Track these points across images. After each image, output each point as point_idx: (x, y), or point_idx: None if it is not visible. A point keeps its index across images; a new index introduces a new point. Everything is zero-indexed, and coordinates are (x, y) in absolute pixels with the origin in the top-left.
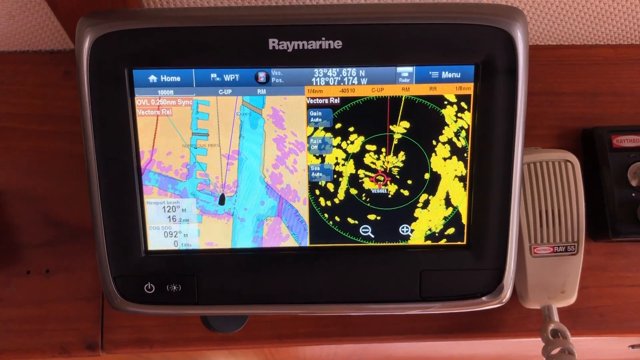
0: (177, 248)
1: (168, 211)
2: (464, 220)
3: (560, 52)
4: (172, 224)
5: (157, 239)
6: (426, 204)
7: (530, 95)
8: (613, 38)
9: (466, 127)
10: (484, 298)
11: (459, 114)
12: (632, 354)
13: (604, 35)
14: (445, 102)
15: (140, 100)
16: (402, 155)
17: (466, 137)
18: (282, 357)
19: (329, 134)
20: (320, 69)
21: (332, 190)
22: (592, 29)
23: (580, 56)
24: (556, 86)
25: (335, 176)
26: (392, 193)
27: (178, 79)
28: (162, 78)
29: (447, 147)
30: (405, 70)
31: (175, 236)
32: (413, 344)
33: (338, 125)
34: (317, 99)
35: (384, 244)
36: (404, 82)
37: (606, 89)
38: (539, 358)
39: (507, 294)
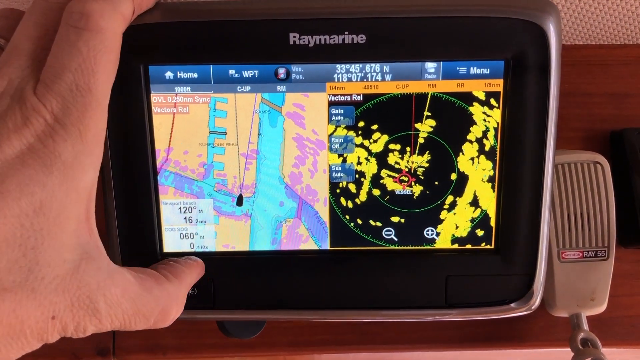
0: (193, 250)
1: (184, 212)
2: (493, 223)
3: (587, 52)
4: (189, 226)
5: (173, 241)
6: (453, 205)
7: None
8: None
9: (495, 125)
10: (512, 305)
11: (488, 112)
12: None
13: (633, 34)
14: (474, 99)
15: (157, 98)
16: (427, 155)
17: (495, 136)
18: None
19: (351, 133)
20: (343, 65)
21: (354, 191)
22: (620, 27)
23: (608, 56)
24: (583, 87)
25: (357, 176)
26: (416, 194)
27: (195, 75)
28: (178, 74)
29: (475, 146)
30: (431, 66)
31: (191, 238)
32: (432, 355)
33: (361, 124)
34: (339, 96)
35: (408, 247)
36: (430, 78)
37: (636, 90)
38: None
39: (536, 300)
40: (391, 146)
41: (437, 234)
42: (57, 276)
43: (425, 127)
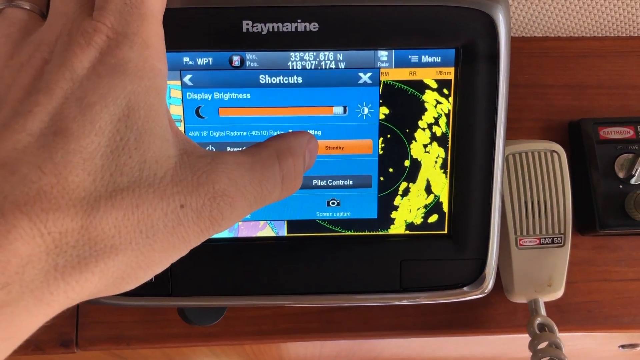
0: None
1: None
2: (445, 209)
3: (546, 44)
4: None
5: None
6: (406, 192)
7: (515, 88)
8: (599, 30)
9: (447, 112)
10: (465, 288)
11: (440, 99)
12: (622, 354)
13: (590, 27)
14: (426, 87)
15: None
16: (381, 142)
17: (447, 123)
18: (265, 357)
19: None
20: (297, 52)
21: (310, 177)
22: (578, 19)
23: (566, 48)
24: (542, 78)
25: None
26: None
27: None
28: None
29: (428, 133)
30: (384, 54)
31: None
32: (400, 344)
33: None
34: None
35: (363, 233)
36: (382, 66)
37: (593, 82)
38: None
39: (489, 284)
40: None
41: (392, 220)
42: (168, 170)
43: (379, 114)
